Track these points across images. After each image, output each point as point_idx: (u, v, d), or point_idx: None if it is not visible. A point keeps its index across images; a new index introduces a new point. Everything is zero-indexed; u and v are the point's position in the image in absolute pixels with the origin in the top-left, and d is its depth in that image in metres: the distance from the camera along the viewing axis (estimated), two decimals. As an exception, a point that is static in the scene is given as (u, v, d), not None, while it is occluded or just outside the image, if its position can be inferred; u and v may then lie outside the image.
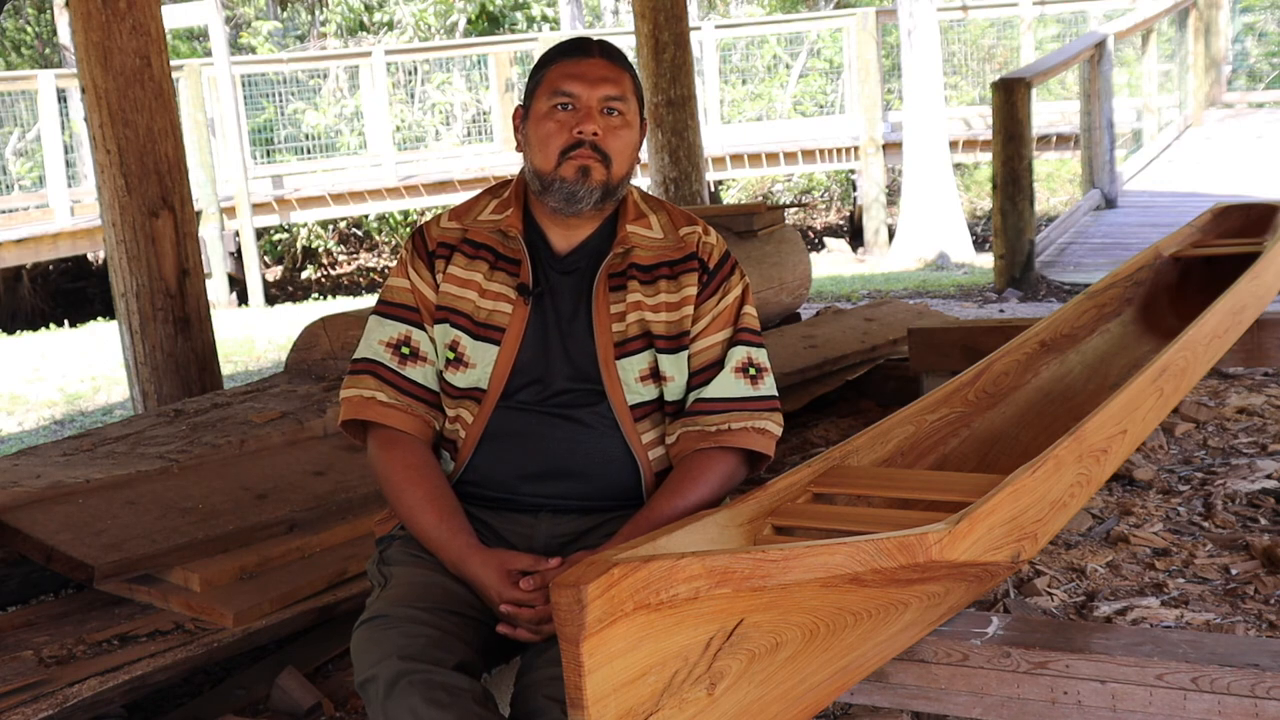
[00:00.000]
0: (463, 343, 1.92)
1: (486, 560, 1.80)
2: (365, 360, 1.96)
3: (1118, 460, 2.32)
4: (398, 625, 1.72)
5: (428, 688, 1.61)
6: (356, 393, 1.94)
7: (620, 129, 1.89)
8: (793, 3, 17.64)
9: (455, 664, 1.66)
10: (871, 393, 4.30)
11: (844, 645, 1.61)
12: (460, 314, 1.92)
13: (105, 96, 4.07)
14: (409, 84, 14.04)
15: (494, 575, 1.78)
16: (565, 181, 1.87)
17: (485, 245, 1.95)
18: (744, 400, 1.91)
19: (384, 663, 1.65)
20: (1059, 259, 7.61)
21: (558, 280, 1.93)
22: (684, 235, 1.96)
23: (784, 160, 12.87)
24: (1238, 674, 1.65)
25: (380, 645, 1.70)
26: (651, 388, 1.91)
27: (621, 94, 1.90)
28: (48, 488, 2.79)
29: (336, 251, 15.33)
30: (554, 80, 1.90)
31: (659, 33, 6.78)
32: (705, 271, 1.94)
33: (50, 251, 11.20)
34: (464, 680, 1.64)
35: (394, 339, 1.95)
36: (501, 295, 1.92)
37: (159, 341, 4.21)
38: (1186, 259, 3.71)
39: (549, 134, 1.88)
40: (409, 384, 1.94)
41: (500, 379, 1.90)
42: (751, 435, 1.89)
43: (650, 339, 1.90)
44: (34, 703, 2.19)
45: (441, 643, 1.70)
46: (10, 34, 16.94)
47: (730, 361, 1.92)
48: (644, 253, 1.93)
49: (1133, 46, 11.35)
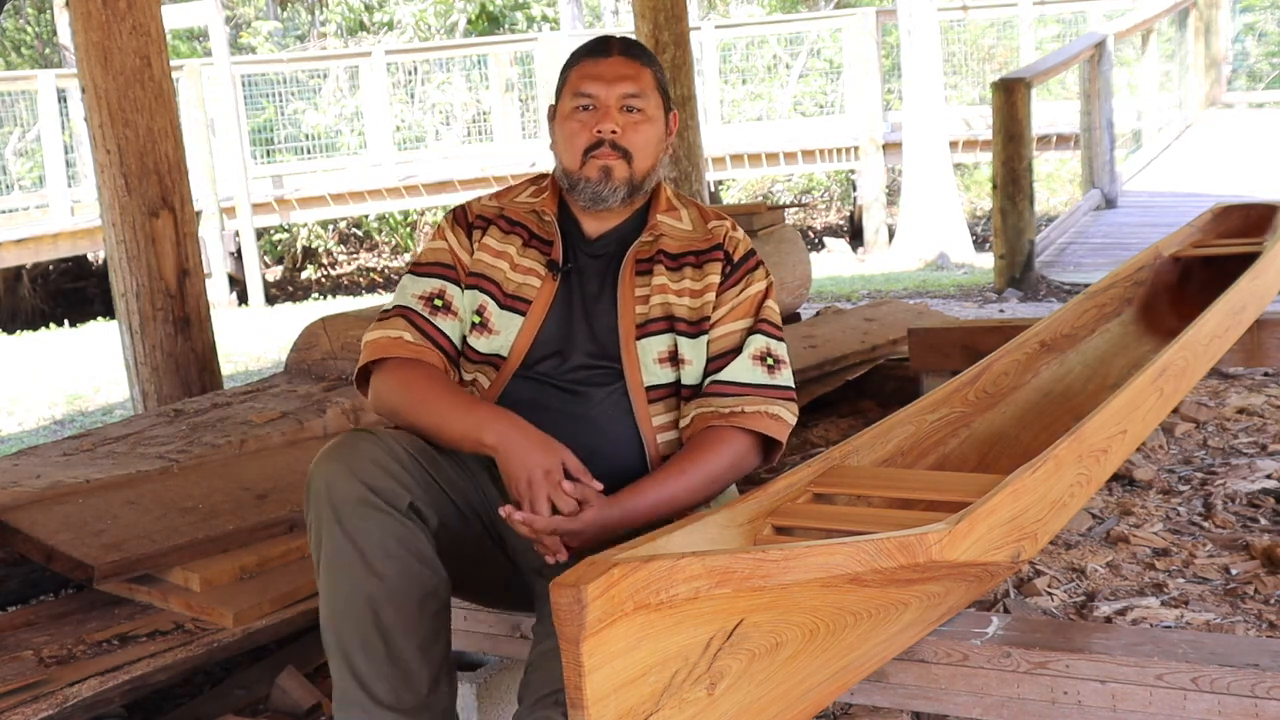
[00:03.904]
0: (489, 309, 1.96)
1: (543, 435, 1.78)
2: (397, 307, 1.98)
3: (1118, 460, 2.32)
4: (376, 441, 1.78)
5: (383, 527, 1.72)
6: (384, 333, 1.94)
7: (641, 124, 1.95)
8: (793, 3, 17.65)
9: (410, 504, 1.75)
10: (871, 393, 4.31)
11: (844, 645, 1.61)
12: (491, 281, 1.98)
13: (105, 96, 4.07)
14: (409, 84, 14.03)
15: (549, 451, 1.76)
16: (590, 182, 1.94)
17: (520, 223, 2.02)
18: (760, 386, 1.93)
19: (347, 480, 1.74)
20: (1059, 259, 7.61)
21: (586, 262, 1.99)
22: (712, 228, 2.02)
23: (784, 160, 12.88)
24: (1238, 674, 1.65)
25: (350, 456, 1.76)
26: (669, 370, 1.94)
27: (640, 90, 1.95)
28: (48, 488, 2.79)
29: (336, 251, 15.33)
30: (575, 81, 1.96)
31: (659, 33, 6.79)
32: (729, 263, 1.99)
33: (50, 251, 11.20)
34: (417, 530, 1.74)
35: (428, 292, 1.98)
36: (532, 270, 1.98)
37: (159, 341, 4.21)
38: (1186, 259, 3.71)
39: (572, 134, 1.95)
40: (437, 332, 1.96)
41: (521, 349, 1.95)
42: (765, 419, 1.91)
43: (672, 322, 1.94)
44: (34, 703, 2.19)
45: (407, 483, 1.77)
46: (10, 34, 16.94)
47: (749, 348, 1.95)
48: (672, 241, 1.99)
49: (1133, 46, 11.35)
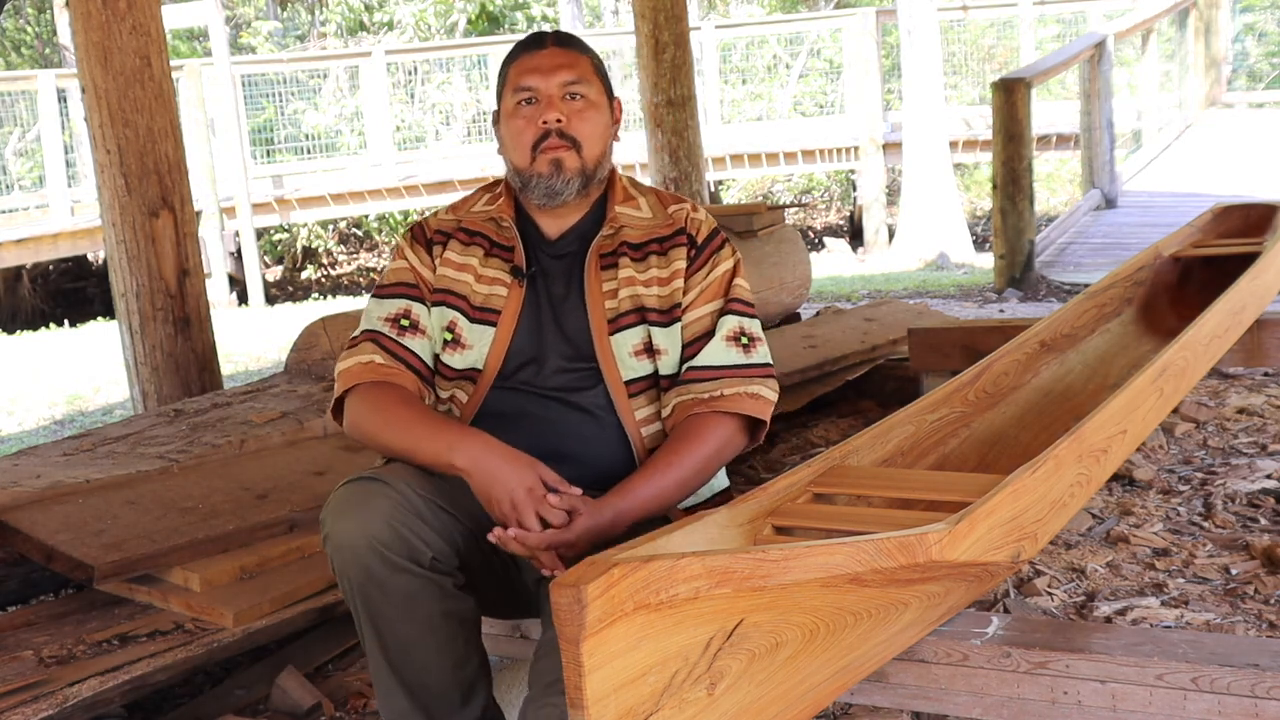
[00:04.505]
0: (460, 324, 1.95)
1: (516, 453, 1.76)
2: (364, 331, 1.96)
3: (1118, 460, 2.32)
4: (388, 492, 1.76)
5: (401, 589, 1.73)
6: (354, 361, 1.93)
7: (585, 111, 1.93)
8: (793, 3, 17.64)
9: (431, 558, 1.75)
10: (871, 393, 4.30)
11: (844, 645, 1.61)
12: (458, 295, 1.96)
13: (105, 96, 4.07)
14: (409, 84, 14.03)
15: (525, 469, 1.74)
16: (542, 177, 1.91)
17: (479, 233, 1.99)
18: (736, 367, 1.91)
19: (367, 547, 1.72)
20: (1059, 259, 7.61)
21: (550, 264, 1.97)
22: (672, 213, 1.99)
23: (784, 160, 12.87)
24: (1238, 674, 1.65)
25: (363, 510, 1.74)
26: (646, 362, 1.93)
27: (580, 77, 1.93)
28: (48, 488, 2.79)
29: (336, 251, 15.33)
30: (514, 77, 1.94)
31: (659, 33, 6.78)
32: (693, 246, 1.97)
33: (50, 251, 11.20)
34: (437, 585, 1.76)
35: (394, 313, 1.96)
36: (497, 280, 1.96)
37: (159, 341, 4.21)
38: (1186, 259, 3.71)
39: (518, 130, 1.93)
40: (407, 352, 1.94)
41: (496, 359, 1.93)
42: (745, 400, 1.89)
43: (643, 313, 1.93)
44: (34, 703, 2.19)
45: (424, 532, 1.75)
46: (10, 34, 16.94)
47: (721, 330, 1.93)
48: (634, 231, 1.97)
49: (1133, 46, 11.35)
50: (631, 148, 9.81)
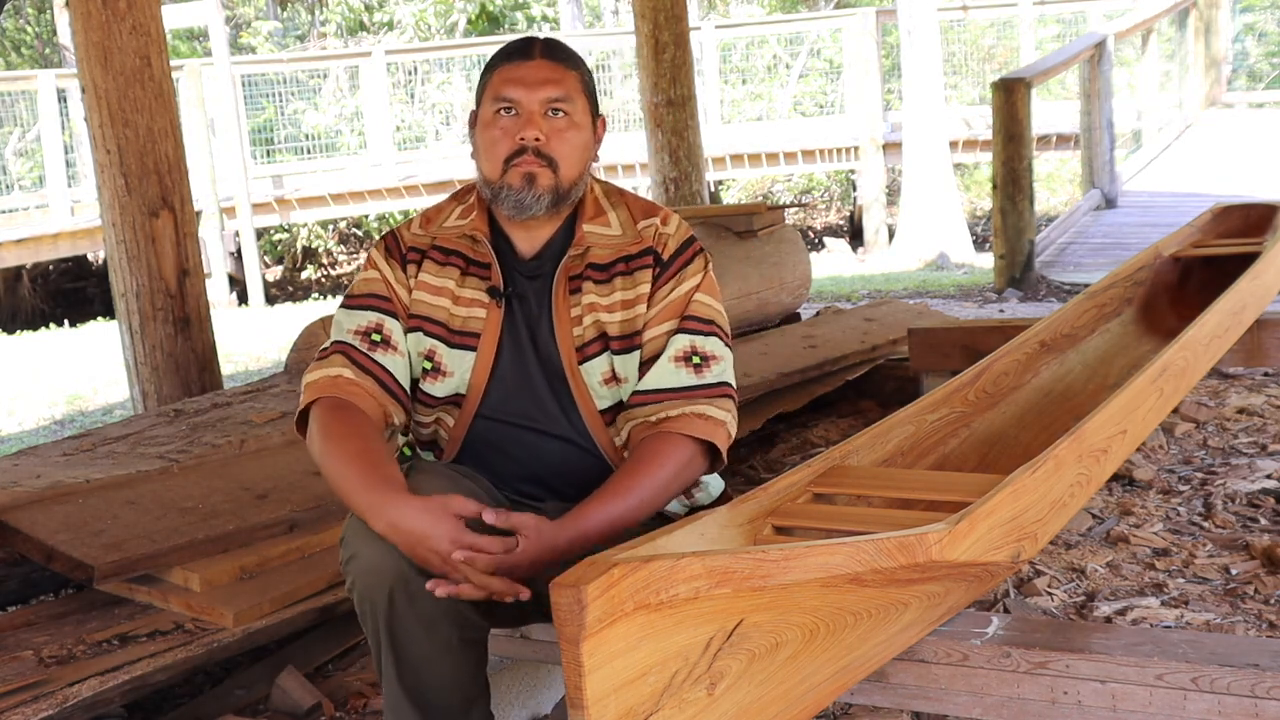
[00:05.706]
0: (439, 352, 1.90)
1: (428, 505, 1.65)
2: (334, 343, 1.89)
3: (1118, 460, 2.31)
4: None
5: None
6: (323, 373, 1.85)
7: (566, 131, 1.85)
8: (793, 3, 17.64)
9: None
10: (871, 393, 4.30)
11: (844, 645, 1.61)
12: (435, 322, 1.90)
13: (105, 96, 4.07)
14: (409, 84, 14.03)
15: (440, 520, 1.64)
16: (512, 190, 1.84)
17: (455, 251, 1.92)
18: (683, 390, 1.84)
19: (380, 578, 1.71)
20: (1059, 259, 7.61)
21: (524, 285, 1.91)
22: (642, 229, 1.91)
23: (784, 160, 12.87)
24: (1238, 674, 1.65)
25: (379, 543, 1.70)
26: (615, 389, 1.89)
27: (565, 94, 1.84)
28: (48, 488, 2.79)
29: (336, 251, 15.33)
30: (496, 85, 1.85)
31: (659, 33, 6.79)
32: (659, 264, 1.89)
33: (50, 251, 11.21)
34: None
35: (364, 326, 1.88)
36: (475, 301, 1.90)
37: (159, 341, 4.21)
38: (1186, 259, 3.71)
39: (493, 141, 1.85)
40: (378, 368, 1.86)
41: (479, 384, 1.89)
42: (693, 421, 1.82)
43: (606, 341, 1.88)
44: (34, 703, 2.19)
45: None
46: (10, 34, 16.94)
47: (670, 350, 1.86)
48: (602, 251, 1.90)
49: (1133, 46, 11.35)
50: (631, 148, 9.81)
